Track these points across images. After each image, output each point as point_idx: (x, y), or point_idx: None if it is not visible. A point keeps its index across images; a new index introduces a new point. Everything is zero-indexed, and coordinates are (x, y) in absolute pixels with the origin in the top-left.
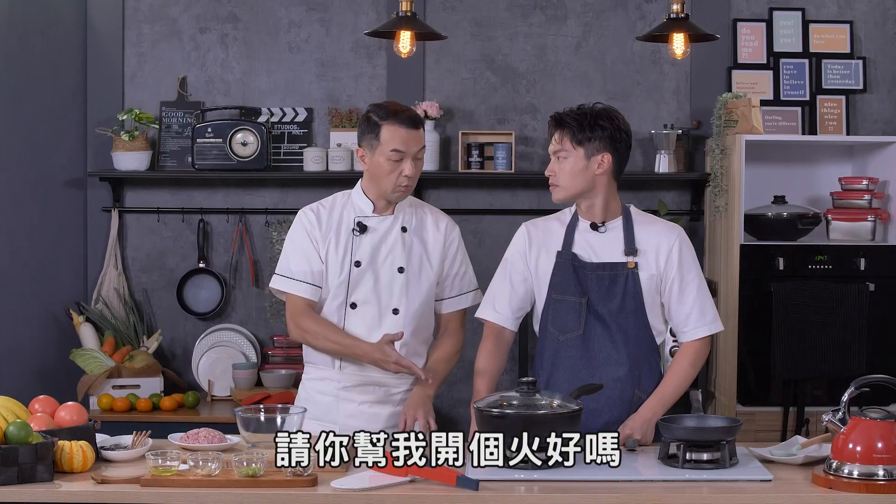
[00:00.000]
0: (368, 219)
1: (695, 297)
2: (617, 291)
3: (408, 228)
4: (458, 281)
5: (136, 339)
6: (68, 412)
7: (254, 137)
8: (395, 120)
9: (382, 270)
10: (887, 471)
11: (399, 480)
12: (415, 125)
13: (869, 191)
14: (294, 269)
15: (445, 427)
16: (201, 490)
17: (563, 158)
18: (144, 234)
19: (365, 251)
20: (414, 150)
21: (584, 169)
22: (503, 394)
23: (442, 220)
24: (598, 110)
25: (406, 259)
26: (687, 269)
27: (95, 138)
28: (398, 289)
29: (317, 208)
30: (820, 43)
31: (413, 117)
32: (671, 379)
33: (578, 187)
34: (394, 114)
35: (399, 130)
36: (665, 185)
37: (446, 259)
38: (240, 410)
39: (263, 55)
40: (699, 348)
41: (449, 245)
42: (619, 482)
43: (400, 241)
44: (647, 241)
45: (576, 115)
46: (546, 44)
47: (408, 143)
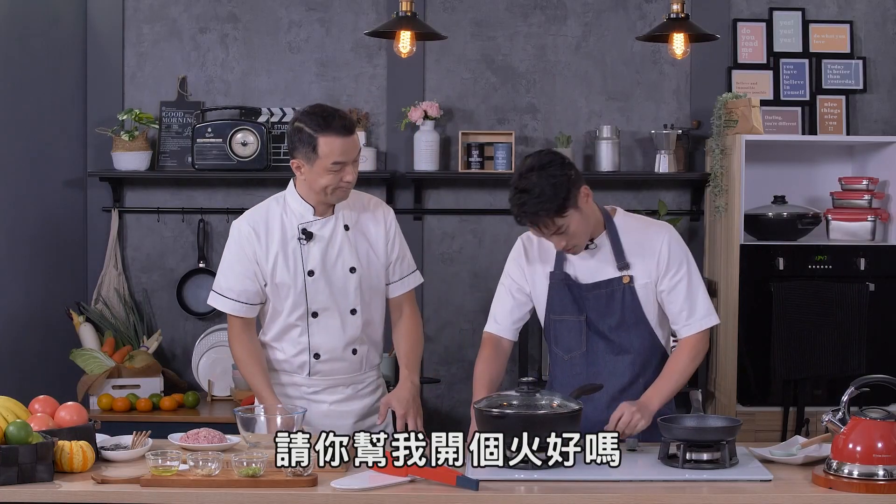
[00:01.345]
0: (311, 224)
1: (685, 295)
2: (615, 308)
3: (350, 226)
4: (400, 265)
5: (136, 339)
6: (68, 412)
7: (254, 137)
8: (331, 131)
9: (335, 274)
10: (887, 471)
11: (399, 480)
12: (350, 131)
13: (869, 191)
14: (230, 288)
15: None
16: (201, 490)
17: (565, 230)
18: (144, 234)
19: (315, 258)
20: (353, 156)
21: (582, 215)
22: (503, 394)
23: (378, 209)
24: (539, 173)
25: (355, 258)
26: (676, 268)
27: (95, 138)
28: (353, 290)
29: (253, 220)
30: (820, 43)
31: (346, 124)
32: (669, 372)
33: (589, 231)
34: (328, 124)
35: (336, 141)
36: (665, 185)
37: (388, 244)
38: (240, 410)
39: (263, 55)
40: (696, 343)
41: (388, 232)
42: (619, 482)
43: (346, 242)
44: (637, 250)
45: (538, 199)
46: (546, 44)
47: (347, 151)
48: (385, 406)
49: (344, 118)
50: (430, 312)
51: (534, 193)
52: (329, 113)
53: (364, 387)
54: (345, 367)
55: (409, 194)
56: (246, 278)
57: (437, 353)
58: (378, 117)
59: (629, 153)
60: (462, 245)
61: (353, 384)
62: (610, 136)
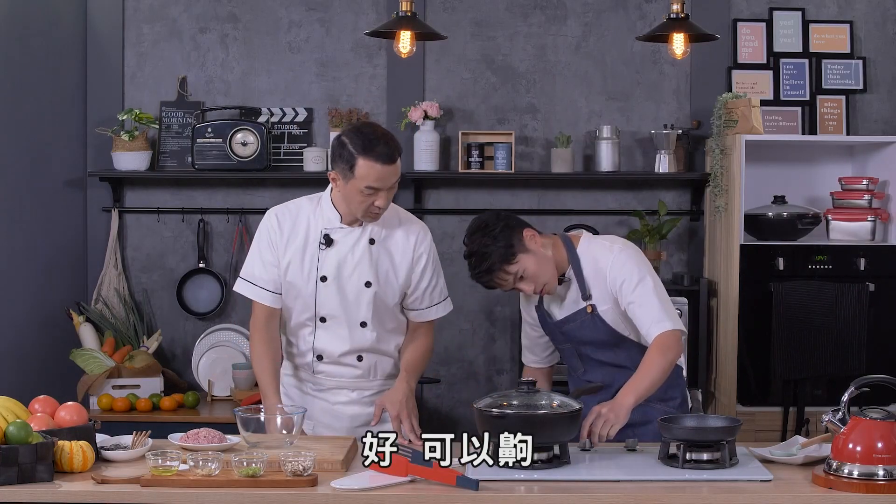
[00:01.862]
0: (335, 231)
1: (642, 308)
2: (589, 335)
3: (376, 240)
4: (429, 294)
5: (136, 339)
6: (68, 412)
7: (254, 137)
8: (372, 156)
9: (349, 285)
10: (887, 471)
11: (399, 480)
12: (391, 160)
13: (869, 191)
14: (258, 276)
15: (445, 427)
16: (201, 490)
17: (525, 275)
18: (144, 234)
19: (331, 265)
20: (389, 183)
21: (535, 257)
22: (503, 393)
23: (413, 231)
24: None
25: (373, 273)
26: (626, 286)
27: (95, 138)
28: (365, 303)
29: (283, 213)
30: (820, 43)
31: (389, 153)
32: (640, 369)
33: (553, 267)
34: (371, 148)
35: (375, 167)
36: (665, 185)
37: (414, 272)
38: (240, 410)
39: (263, 55)
40: (662, 340)
41: (418, 258)
42: (619, 482)
43: (367, 255)
44: (594, 277)
45: (484, 256)
46: (546, 44)
47: (383, 179)
48: (378, 407)
49: (389, 145)
50: None
51: (480, 253)
52: (376, 136)
53: (370, 394)
54: (349, 372)
55: (409, 194)
56: (273, 266)
57: (437, 353)
58: (378, 117)
59: (629, 153)
60: (462, 245)
61: (357, 389)
62: (610, 136)
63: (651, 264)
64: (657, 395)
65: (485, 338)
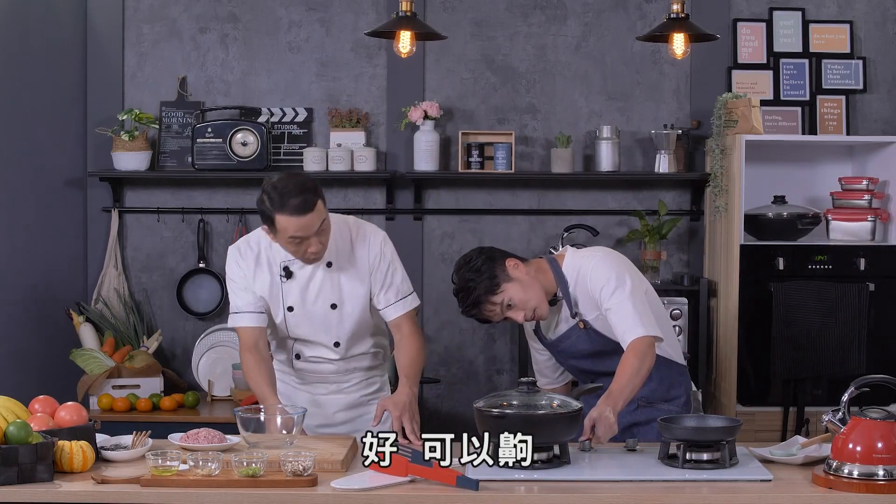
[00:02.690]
0: (293, 262)
1: (616, 315)
2: (586, 349)
3: (333, 263)
4: (385, 294)
5: (136, 339)
6: (68, 412)
7: (254, 137)
8: (287, 210)
9: (315, 310)
10: (887, 471)
11: (399, 480)
12: (305, 210)
13: (869, 191)
14: (239, 305)
15: (446, 428)
16: (201, 490)
17: (512, 304)
18: (144, 234)
19: (294, 296)
20: (312, 231)
21: (520, 284)
22: (503, 393)
23: (365, 242)
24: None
25: (336, 295)
26: (605, 292)
27: (95, 138)
28: (334, 324)
29: (244, 248)
30: (820, 43)
31: (303, 205)
32: (617, 374)
33: (540, 292)
34: (284, 203)
35: (291, 220)
36: (665, 185)
37: (375, 273)
38: (240, 410)
39: (263, 55)
40: (636, 344)
41: (373, 263)
42: (618, 482)
43: (328, 279)
44: (578, 288)
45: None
46: (546, 44)
47: (303, 228)
48: (380, 408)
49: (303, 195)
50: (430, 312)
51: (465, 288)
52: (289, 189)
53: (348, 386)
54: (327, 367)
55: (408, 194)
56: (248, 291)
57: (437, 353)
58: (378, 117)
59: (629, 153)
60: (462, 245)
61: (336, 383)
62: (610, 136)
63: (638, 271)
64: (661, 395)
65: (485, 338)
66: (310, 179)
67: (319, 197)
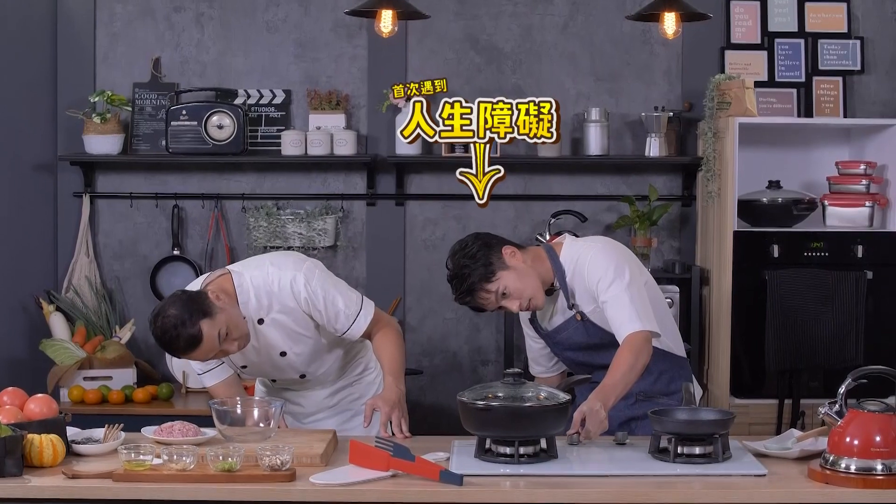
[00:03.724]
0: None
1: (613, 308)
2: (582, 341)
3: (264, 318)
4: (335, 324)
5: (109, 328)
6: (38, 404)
7: (230, 120)
8: (176, 354)
9: (267, 362)
10: (886, 465)
11: (380, 475)
12: (189, 350)
13: (867, 175)
14: (200, 365)
15: (428, 420)
16: (176, 485)
17: (507, 293)
18: (117, 221)
19: (239, 358)
20: (210, 355)
21: (516, 273)
22: (488, 385)
23: (285, 287)
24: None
25: (282, 342)
26: (602, 284)
27: (66, 121)
28: (293, 365)
29: None
30: (816, 22)
31: (185, 347)
32: (611, 369)
33: (536, 281)
34: (170, 350)
35: (182, 357)
36: (656, 170)
37: (314, 312)
38: (215, 403)
39: (240, 35)
40: (631, 339)
41: (308, 304)
42: (607, 477)
43: (265, 335)
44: (576, 279)
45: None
46: (532, 23)
47: (202, 355)
48: (370, 408)
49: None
50: (413, 301)
51: (459, 275)
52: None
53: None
54: (303, 384)
55: (390, 179)
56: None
57: (420, 343)
58: (358, 99)
59: (618, 136)
60: (445, 232)
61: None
62: (598, 118)
63: (638, 261)
64: (660, 388)
65: (469, 327)
66: (186, 307)
67: (205, 319)
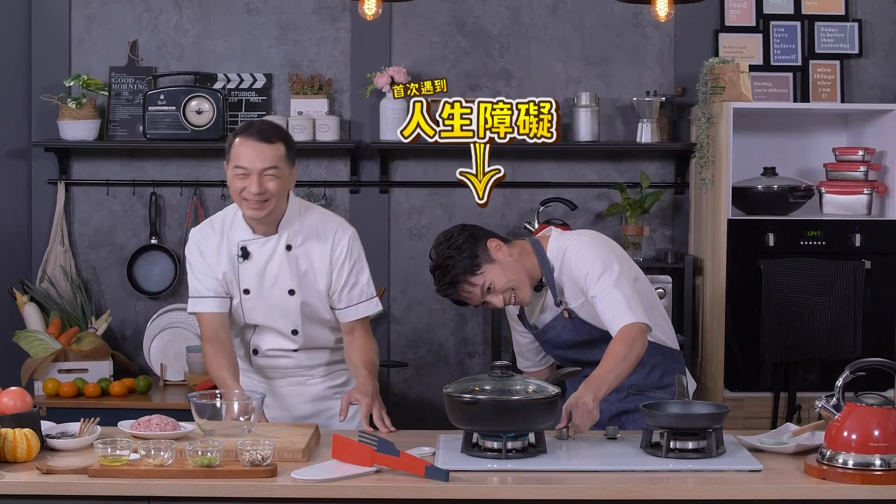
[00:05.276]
0: (251, 242)
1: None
2: (571, 339)
3: (293, 246)
4: (347, 293)
5: (84, 319)
6: (11, 398)
7: (209, 105)
8: (243, 134)
9: (273, 295)
10: (884, 460)
11: (364, 471)
12: (263, 138)
13: (865, 162)
14: (201, 288)
15: (413, 413)
16: (153, 481)
17: (492, 287)
18: (93, 208)
19: (251, 278)
20: (258, 166)
21: (501, 267)
22: (475, 378)
23: (330, 233)
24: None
25: (295, 280)
26: (591, 278)
27: (40, 106)
28: (293, 311)
29: (206, 230)
30: (813, 4)
31: (262, 131)
32: (603, 360)
33: (522, 276)
34: (245, 128)
35: (245, 144)
36: (647, 156)
37: (339, 270)
38: (194, 396)
39: (220, 17)
40: (626, 330)
41: (336, 259)
42: (597, 472)
43: (286, 263)
44: (564, 274)
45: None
46: (521, 5)
47: (251, 159)
48: (346, 401)
49: (266, 127)
50: (397, 292)
51: (443, 266)
52: (257, 121)
53: (312, 379)
54: (286, 362)
55: (374, 166)
56: (209, 274)
57: (405, 335)
58: (341, 84)
59: (609, 122)
60: (431, 220)
61: (299, 377)
62: (589, 103)
63: (627, 256)
64: (653, 382)
65: (455, 318)
66: (286, 130)
67: (284, 143)
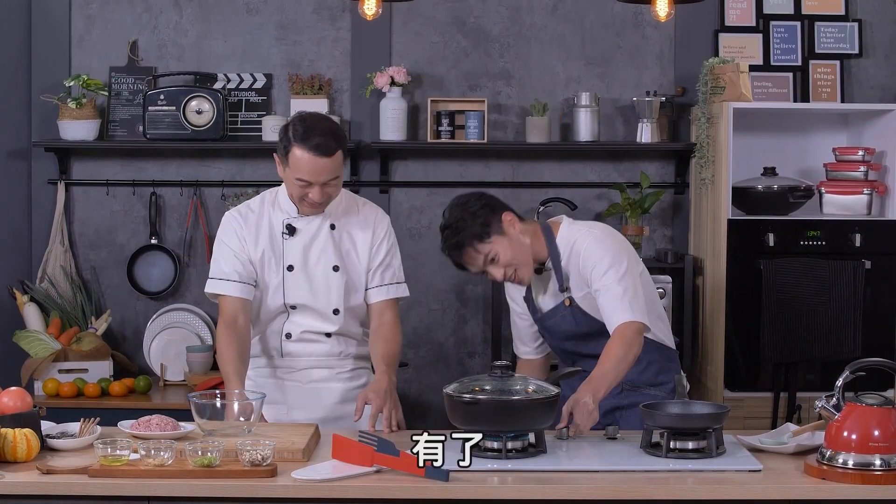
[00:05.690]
0: (297, 220)
1: (604, 297)
2: (569, 329)
3: (336, 225)
4: (381, 273)
5: (84, 320)
6: (11, 398)
7: (209, 105)
8: (306, 146)
9: (317, 271)
10: (884, 460)
11: (364, 471)
12: (325, 153)
13: (865, 162)
14: (225, 270)
15: (414, 413)
16: (153, 481)
17: (496, 259)
18: (93, 208)
19: (296, 254)
20: (321, 179)
21: (510, 241)
22: (475, 378)
23: (371, 215)
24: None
25: (339, 257)
26: (597, 272)
27: (40, 106)
28: (335, 289)
29: (244, 211)
30: (813, 4)
31: (324, 146)
32: (601, 360)
33: (528, 255)
34: (308, 137)
35: (305, 157)
36: (648, 156)
37: (376, 253)
38: (194, 396)
39: (219, 17)
40: (623, 330)
41: (376, 238)
42: (597, 472)
43: (330, 240)
44: (570, 262)
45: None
46: (521, 5)
47: (313, 173)
48: (362, 400)
49: (328, 139)
50: None
51: (454, 227)
52: (316, 127)
53: (342, 371)
54: (318, 349)
55: (374, 166)
56: (239, 257)
57: (405, 334)
58: (341, 83)
59: (609, 122)
60: (431, 220)
61: (328, 367)
62: (589, 103)
63: (635, 252)
64: (648, 379)
65: (455, 318)
66: (340, 128)
67: (342, 148)
